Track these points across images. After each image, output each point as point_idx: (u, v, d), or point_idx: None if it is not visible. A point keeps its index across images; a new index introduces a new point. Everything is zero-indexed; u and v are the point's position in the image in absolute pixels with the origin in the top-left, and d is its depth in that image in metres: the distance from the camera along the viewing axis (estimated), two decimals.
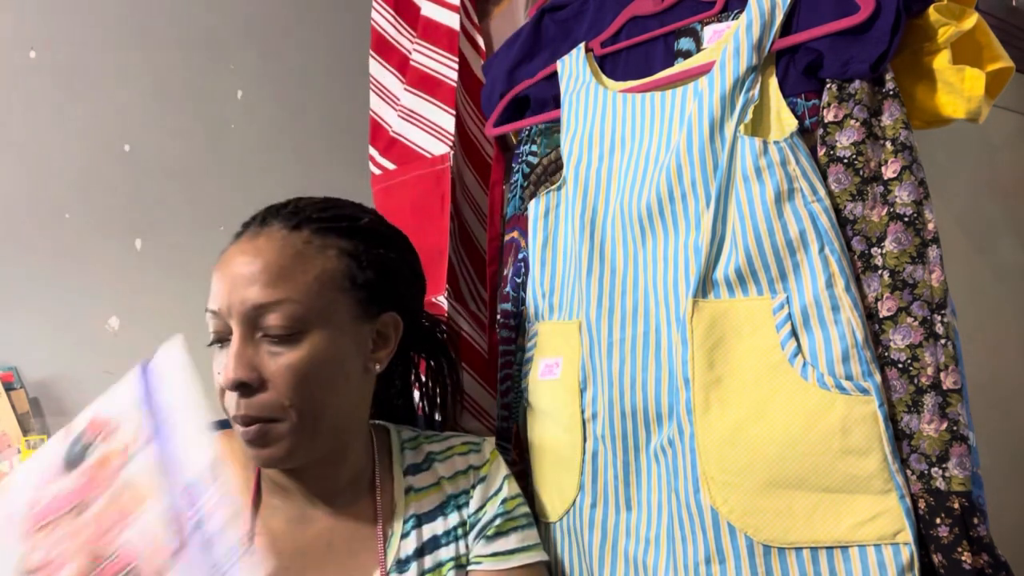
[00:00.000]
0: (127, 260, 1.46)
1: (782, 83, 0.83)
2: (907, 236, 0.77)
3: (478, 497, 0.82)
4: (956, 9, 0.78)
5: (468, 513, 0.81)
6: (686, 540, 0.80)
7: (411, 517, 0.80)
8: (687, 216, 0.85)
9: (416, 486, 0.82)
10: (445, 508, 0.81)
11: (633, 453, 0.87)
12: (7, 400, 1.27)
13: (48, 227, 1.39)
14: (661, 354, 0.85)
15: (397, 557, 0.77)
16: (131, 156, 1.48)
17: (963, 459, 0.73)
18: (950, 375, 0.74)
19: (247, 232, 0.77)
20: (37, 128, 1.40)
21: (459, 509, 0.81)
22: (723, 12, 0.90)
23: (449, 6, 1.21)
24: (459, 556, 0.79)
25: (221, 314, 0.72)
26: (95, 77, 1.46)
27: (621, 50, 0.99)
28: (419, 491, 0.82)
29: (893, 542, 0.72)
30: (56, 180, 1.41)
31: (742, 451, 0.77)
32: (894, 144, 0.78)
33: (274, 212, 0.77)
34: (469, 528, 0.81)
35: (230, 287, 0.72)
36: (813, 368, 0.76)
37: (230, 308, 0.72)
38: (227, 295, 0.72)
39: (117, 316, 1.43)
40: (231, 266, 0.73)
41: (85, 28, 1.46)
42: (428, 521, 0.80)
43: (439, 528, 0.80)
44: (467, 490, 0.83)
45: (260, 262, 0.72)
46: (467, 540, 0.80)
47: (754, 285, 0.80)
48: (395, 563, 0.76)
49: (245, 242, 0.75)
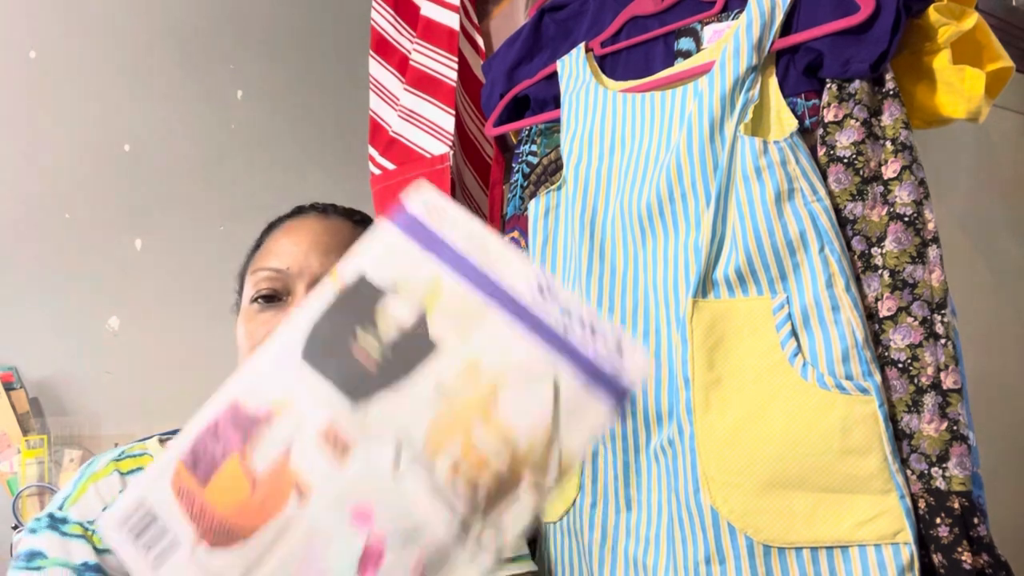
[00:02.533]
0: (127, 260, 1.46)
1: (782, 83, 0.83)
2: (907, 236, 0.77)
3: None
4: (956, 9, 0.78)
5: None
6: (686, 540, 0.80)
7: None
8: (687, 216, 0.85)
9: None
10: None
11: (633, 453, 0.87)
12: (7, 400, 1.27)
13: (48, 227, 1.39)
14: (661, 354, 0.85)
15: None
16: (131, 156, 1.48)
17: (963, 459, 0.73)
18: (950, 375, 0.74)
19: (311, 213, 0.79)
20: (37, 128, 1.40)
21: None
22: (723, 12, 0.90)
23: (449, 6, 1.21)
24: None
25: (289, 273, 0.73)
26: (95, 77, 1.46)
27: (621, 50, 0.99)
28: None
29: (893, 542, 0.72)
30: (56, 180, 1.41)
31: (742, 451, 0.77)
32: (894, 144, 0.78)
33: (331, 207, 0.80)
34: None
35: (307, 249, 0.73)
36: (813, 368, 0.76)
37: (302, 269, 0.72)
38: (303, 256, 0.73)
39: (117, 316, 1.43)
40: (310, 232, 0.75)
41: (85, 28, 1.46)
42: None
43: None
44: None
45: (340, 238, 0.75)
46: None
47: (754, 285, 0.80)
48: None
49: (315, 220, 0.77)
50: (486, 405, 0.45)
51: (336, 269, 0.49)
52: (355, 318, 0.47)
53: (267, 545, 0.44)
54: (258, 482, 0.45)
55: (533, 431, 0.45)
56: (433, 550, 0.43)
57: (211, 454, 0.45)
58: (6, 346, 1.33)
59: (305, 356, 0.47)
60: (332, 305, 0.48)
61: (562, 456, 0.44)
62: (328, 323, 0.48)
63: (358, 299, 0.48)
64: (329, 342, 0.47)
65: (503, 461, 0.44)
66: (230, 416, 0.46)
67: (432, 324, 0.47)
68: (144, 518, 0.44)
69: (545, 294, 0.48)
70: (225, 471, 0.45)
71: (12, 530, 1.20)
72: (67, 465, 1.29)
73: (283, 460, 0.45)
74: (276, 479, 0.45)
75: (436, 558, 0.43)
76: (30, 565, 0.67)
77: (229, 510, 0.44)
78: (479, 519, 0.44)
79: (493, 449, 0.44)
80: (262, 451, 0.45)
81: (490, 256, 0.49)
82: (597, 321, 0.47)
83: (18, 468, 1.25)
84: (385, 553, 0.43)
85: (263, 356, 0.47)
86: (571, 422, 0.45)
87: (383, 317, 0.48)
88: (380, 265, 0.49)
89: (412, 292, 0.48)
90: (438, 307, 0.48)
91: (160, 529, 0.44)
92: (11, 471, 1.25)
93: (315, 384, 0.46)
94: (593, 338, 0.46)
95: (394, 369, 0.47)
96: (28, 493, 1.24)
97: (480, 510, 0.44)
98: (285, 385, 0.46)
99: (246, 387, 0.47)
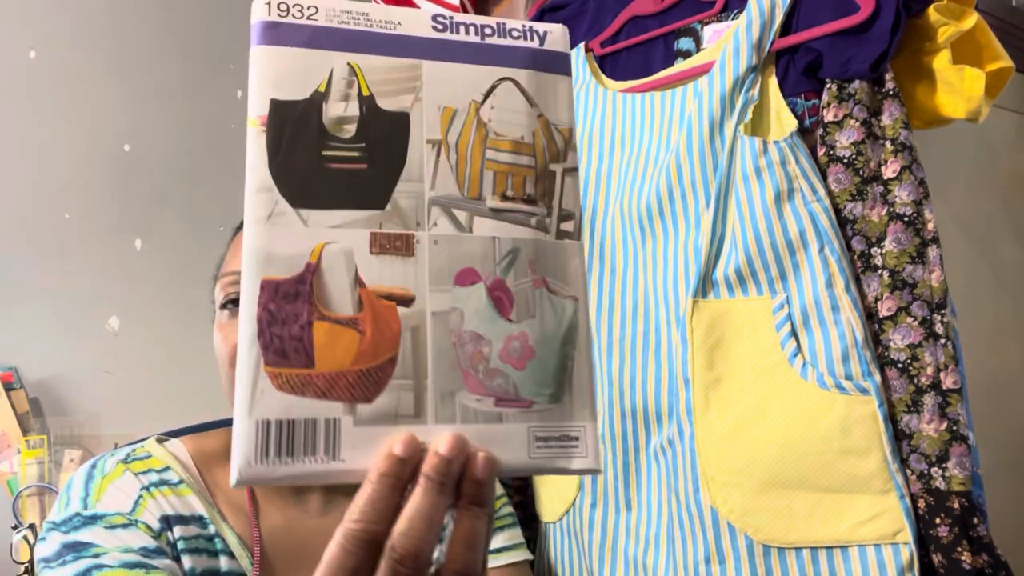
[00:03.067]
0: (127, 260, 1.46)
1: (782, 83, 0.83)
2: (907, 236, 0.77)
3: None
4: (956, 9, 0.78)
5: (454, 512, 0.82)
6: (686, 540, 0.80)
7: None
8: (687, 216, 0.85)
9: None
10: None
11: (633, 453, 0.87)
12: (7, 400, 1.27)
13: (48, 227, 1.39)
14: (661, 354, 0.85)
15: None
16: (131, 156, 1.48)
17: (963, 459, 0.73)
18: (950, 375, 0.74)
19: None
20: (37, 128, 1.40)
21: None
22: (723, 12, 0.90)
23: (449, 6, 1.21)
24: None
25: None
26: (95, 77, 1.46)
27: (621, 50, 0.99)
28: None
29: (893, 542, 0.72)
30: (56, 180, 1.41)
31: (742, 451, 0.77)
32: (894, 144, 0.78)
33: None
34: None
35: None
36: (813, 368, 0.76)
37: None
38: None
39: (117, 316, 1.43)
40: None
41: (85, 28, 1.47)
42: None
43: None
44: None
45: None
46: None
47: (754, 285, 0.80)
48: None
49: None
50: (480, 131, 0.49)
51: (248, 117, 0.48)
52: (308, 140, 0.47)
53: (414, 356, 0.44)
54: (358, 321, 0.44)
55: (528, 125, 0.50)
56: (535, 257, 0.48)
57: (290, 335, 0.43)
58: (6, 346, 1.33)
59: (295, 203, 0.46)
60: (270, 145, 0.47)
61: (561, 132, 0.50)
62: (284, 161, 0.47)
63: (293, 124, 0.48)
64: (303, 176, 0.47)
65: (528, 160, 0.49)
66: (272, 296, 0.44)
67: (381, 101, 0.49)
68: (280, 434, 0.42)
69: (446, 23, 0.51)
70: (320, 337, 0.43)
71: (12, 530, 1.20)
72: (67, 465, 1.29)
73: (362, 290, 0.45)
74: (371, 306, 0.44)
75: (542, 261, 0.48)
76: (82, 555, 0.63)
77: (355, 362, 0.43)
78: (547, 214, 0.49)
79: (514, 159, 0.49)
80: (336, 297, 0.44)
81: (376, 19, 0.50)
82: (503, 22, 0.51)
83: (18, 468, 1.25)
84: (506, 285, 0.47)
85: (252, 230, 0.46)
86: (547, 102, 0.50)
87: (332, 123, 0.48)
88: (281, 83, 0.48)
89: (337, 88, 0.49)
90: (372, 86, 0.49)
91: (306, 430, 0.42)
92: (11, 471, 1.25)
93: (328, 218, 0.46)
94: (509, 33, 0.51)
95: (384, 156, 0.48)
96: (28, 493, 1.24)
97: (543, 205, 0.49)
98: (299, 237, 0.45)
99: (263, 265, 0.45)
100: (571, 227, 0.49)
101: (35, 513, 1.23)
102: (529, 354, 0.46)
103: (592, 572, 0.89)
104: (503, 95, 0.50)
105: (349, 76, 0.49)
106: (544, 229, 0.48)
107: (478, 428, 0.44)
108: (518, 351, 0.46)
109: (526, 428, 0.45)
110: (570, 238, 0.49)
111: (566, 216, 0.49)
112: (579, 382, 0.46)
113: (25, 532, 1.20)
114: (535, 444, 0.45)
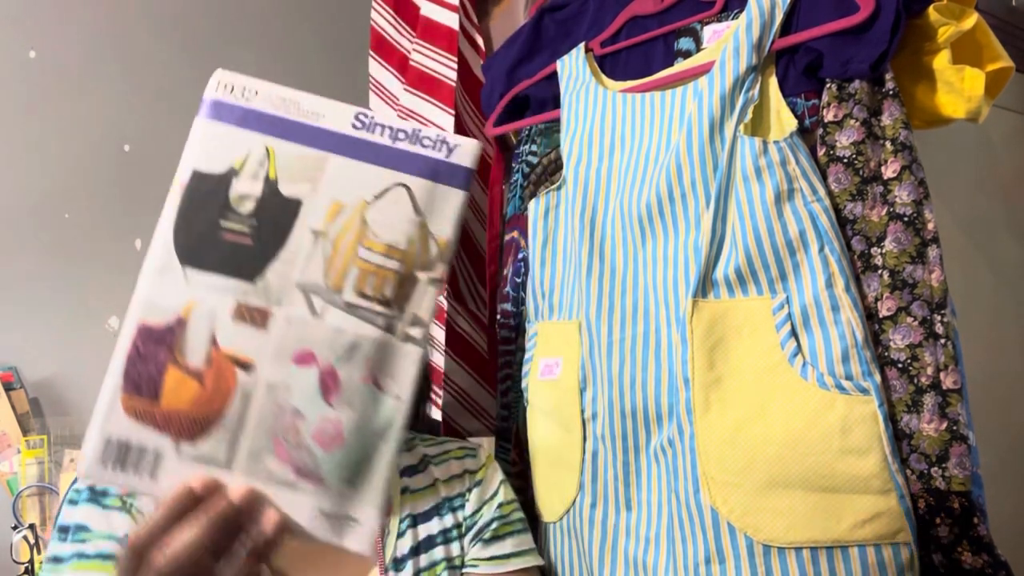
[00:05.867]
0: (127, 260, 1.45)
1: (782, 83, 0.83)
2: (907, 236, 0.77)
3: (474, 500, 0.84)
4: (956, 9, 0.78)
5: (464, 515, 0.83)
6: (686, 540, 0.80)
7: (407, 517, 0.81)
8: (687, 216, 0.85)
9: (412, 487, 0.83)
10: (440, 510, 0.83)
11: (633, 453, 0.87)
12: (7, 400, 1.27)
13: (48, 227, 1.39)
14: (661, 354, 0.85)
15: (393, 556, 0.78)
16: (131, 156, 1.48)
17: (963, 459, 0.73)
18: (950, 375, 0.74)
19: None
20: (37, 128, 1.40)
21: (454, 511, 0.83)
22: (723, 12, 0.90)
23: (449, 6, 1.21)
24: (452, 557, 0.81)
25: None
26: (95, 77, 1.46)
27: (621, 50, 0.99)
28: (415, 492, 0.83)
29: (893, 542, 0.72)
30: (56, 180, 1.41)
31: (742, 451, 0.77)
32: (894, 144, 0.78)
33: None
34: (465, 530, 0.83)
35: None
36: (813, 368, 0.76)
37: None
38: None
39: (117, 316, 1.43)
40: None
41: (85, 28, 1.47)
42: (423, 521, 0.82)
43: (434, 528, 0.81)
44: (463, 493, 0.85)
45: None
46: (462, 542, 0.82)
47: (754, 285, 0.80)
48: (391, 561, 0.78)
49: None
50: (360, 229, 0.53)
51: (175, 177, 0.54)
52: (211, 210, 0.53)
53: (239, 415, 0.51)
54: (203, 374, 0.51)
55: (407, 232, 0.54)
56: (373, 354, 0.52)
57: (147, 373, 0.51)
58: (6, 346, 1.33)
59: (183, 261, 0.53)
60: (181, 207, 0.54)
61: (438, 243, 0.54)
62: (187, 224, 0.53)
63: (203, 193, 0.54)
64: (198, 239, 0.53)
65: (396, 265, 0.53)
66: (144, 338, 0.51)
67: (283, 186, 0.54)
68: (118, 450, 0.50)
69: (366, 122, 0.55)
70: (170, 380, 0.51)
71: (12, 530, 1.20)
72: (67, 465, 1.29)
73: (214, 349, 0.51)
74: (217, 365, 0.51)
75: (378, 359, 0.52)
76: (76, 538, 0.70)
77: (191, 407, 0.51)
78: (398, 317, 0.53)
79: (382, 261, 0.53)
80: (191, 350, 0.51)
81: (304, 110, 0.55)
82: (419, 129, 0.55)
83: (18, 468, 1.25)
84: (338, 374, 0.52)
85: (145, 279, 0.53)
86: (434, 213, 0.54)
87: (236, 198, 0.54)
88: (207, 156, 0.55)
89: (250, 167, 0.54)
90: (280, 170, 0.54)
91: (138, 451, 0.50)
92: (11, 471, 1.25)
93: (206, 280, 0.52)
94: (420, 141, 0.55)
95: (270, 236, 0.53)
96: (28, 493, 1.24)
97: (396, 308, 0.53)
98: (179, 292, 0.52)
99: (144, 310, 0.52)
100: (418, 333, 0.53)
101: (35, 513, 1.23)
102: (338, 440, 0.52)
103: (592, 572, 0.89)
104: (392, 199, 0.54)
105: (263, 158, 0.55)
106: (391, 331, 0.53)
107: (274, 489, 0.50)
108: (329, 434, 0.52)
109: (315, 501, 0.51)
110: (413, 343, 0.53)
111: (416, 322, 0.53)
112: (378, 475, 0.51)
113: (25, 532, 1.20)
114: (319, 516, 0.51)
